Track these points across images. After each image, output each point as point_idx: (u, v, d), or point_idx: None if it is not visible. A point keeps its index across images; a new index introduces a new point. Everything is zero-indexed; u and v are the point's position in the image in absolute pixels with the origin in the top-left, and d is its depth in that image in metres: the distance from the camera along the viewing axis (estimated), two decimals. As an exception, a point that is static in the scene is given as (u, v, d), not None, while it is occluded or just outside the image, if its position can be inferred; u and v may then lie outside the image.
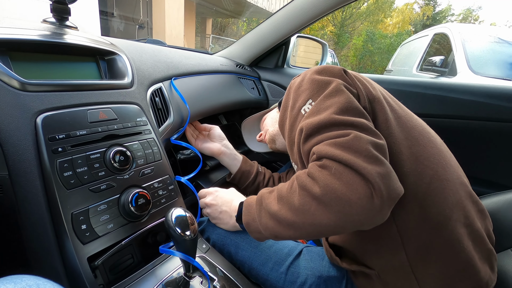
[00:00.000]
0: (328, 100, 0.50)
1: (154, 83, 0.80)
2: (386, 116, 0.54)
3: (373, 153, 0.42)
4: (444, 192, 0.51)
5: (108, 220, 0.53)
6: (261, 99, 1.34)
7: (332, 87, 0.52)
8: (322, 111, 0.49)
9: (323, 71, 0.56)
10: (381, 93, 0.58)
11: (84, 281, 0.47)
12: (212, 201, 0.71)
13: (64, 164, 0.50)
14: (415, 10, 22.15)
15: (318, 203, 0.43)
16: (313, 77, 0.56)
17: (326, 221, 0.43)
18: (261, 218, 0.53)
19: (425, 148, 0.54)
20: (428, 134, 0.57)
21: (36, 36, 0.57)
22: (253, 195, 0.61)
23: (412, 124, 0.56)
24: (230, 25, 17.23)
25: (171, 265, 0.58)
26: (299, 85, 0.57)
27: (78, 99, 0.57)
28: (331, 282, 0.63)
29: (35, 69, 0.57)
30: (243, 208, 0.59)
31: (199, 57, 1.14)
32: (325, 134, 0.46)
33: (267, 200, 0.53)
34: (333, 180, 0.42)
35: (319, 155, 0.45)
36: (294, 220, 0.47)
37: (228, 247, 0.72)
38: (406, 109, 0.60)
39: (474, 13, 23.21)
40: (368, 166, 0.41)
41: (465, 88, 1.09)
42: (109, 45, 0.71)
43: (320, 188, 0.43)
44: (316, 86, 0.54)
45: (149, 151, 0.65)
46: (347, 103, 0.49)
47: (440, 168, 0.53)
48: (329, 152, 0.43)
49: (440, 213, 0.50)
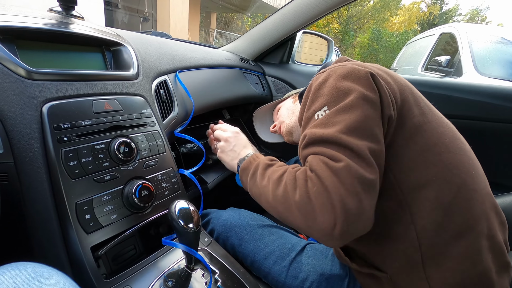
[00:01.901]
0: (340, 115, 0.49)
1: (159, 76, 0.80)
2: (414, 122, 0.51)
3: (354, 189, 0.43)
4: (470, 202, 0.50)
5: (111, 210, 0.53)
6: (265, 94, 1.34)
7: (349, 99, 0.49)
8: (330, 125, 0.49)
9: (348, 76, 0.52)
10: (412, 96, 0.54)
11: (87, 270, 0.48)
12: (230, 139, 0.76)
13: (69, 153, 0.50)
14: (421, 9, 21.94)
15: (293, 205, 0.47)
16: (335, 84, 0.52)
17: (292, 220, 0.48)
18: (250, 180, 0.62)
19: (455, 155, 0.52)
20: (458, 140, 0.55)
21: (43, 24, 0.57)
22: (258, 155, 0.67)
23: (443, 130, 0.54)
24: (235, 20, 17.14)
25: (173, 257, 0.59)
26: (320, 86, 0.54)
27: (83, 89, 0.57)
28: (333, 280, 0.63)
29: (41, 58, 0.57)
30: (244, 162, 0.66)
31: (204, 50, 1.13)
32: (322, 149, 0.47)
33: (260, 172, 0.58)
34: (311, 196, 0.45)
35: (311, 167, 0.48)
36: (271, 203, 0.53)
37: (232, 239, 0.73)
38: (437, 114, 0.57)
39: (482, 13, 22.97)
40: (343, 200, 0.42)
41: (471, 88, 1.08)
42: (115, 36, 0.71)
43: (299, 196, 0.46)
44: (335, 94, 0.51)
45: (153, 143, 0.65)
46: (357, 122, 0.47)
47: (468, 178, 0.51)
48: (319, 170, 0.46)
49: (464, 223, 0.49)
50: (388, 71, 0.56)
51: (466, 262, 0.49)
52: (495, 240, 0.51)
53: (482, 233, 0.50)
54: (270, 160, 0.62)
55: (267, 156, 0.64)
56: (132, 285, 0.51)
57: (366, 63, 0.58)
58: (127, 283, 0.51)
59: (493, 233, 0.51)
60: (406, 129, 0.51)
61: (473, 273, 0.49)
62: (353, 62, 0.59)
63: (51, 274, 0.37)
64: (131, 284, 0.51)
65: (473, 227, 0.49)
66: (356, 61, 0.62)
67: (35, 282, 0.35)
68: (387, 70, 0.56)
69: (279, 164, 0.59)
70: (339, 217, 0.42)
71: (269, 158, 0.63)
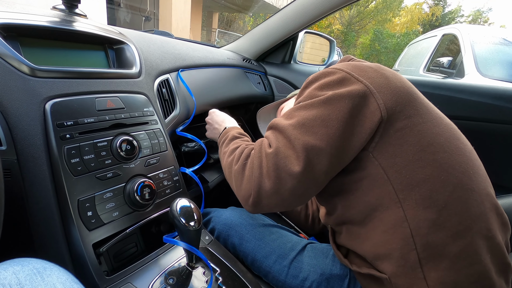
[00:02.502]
0: (299, 111, 0.55)
1: (161, 74, 0.80)
2: (406, 122, 0.52)
3: (271, 173, 0.52)
4: (467, 202, 0.50)
5: (113, 208, 0.53)
6: (267, 94, 1.34)
7: (315, 100, 0.54)
8: (289, 118, 0.56)
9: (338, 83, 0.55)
10: (408, 97, 0.54)
11: (89, 267, 0.48)
12: (209, 120, 0.88)
13: (72, 150, 0.50)
14: (424, 10, 21.89)
15: (232, 172, 0.60)
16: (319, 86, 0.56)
17: (231, 184, 0.62)
18: (219, 148, 0.74)
19: (452, 155, 0.52)
20: (457, 141, 0.55)
21: (46, 22, 0.57)
22: (231, 128, 0.77)
23: (439, 130, 0.54)
24: (237, 20, 17.13)
25: (174, 255, 0.59)
26: (307, 85, 0.59)
27: (86, 86, 0.57)
28: (334, 280, 0.63)
29: (44, 55, 0.57)
30: (220, 135, 0.78)
31: (206, 49, 1.13)
32: (271, 134, 0.57)
33: (226, 142, 0.70)
34: (244, 168, 0.57)
35: (254, 147, 0.59)
36: (223, 167, 0.67)
37: (233, 238, 0.73)
38: (435, 114, 0.57)
39: (484, 14, 22.90)
40: (259, 179, 0.53)
41: (473, 89, 1.08)
42: (117, 34, 0.71)
43: (237, 167, 0.59)
44: (313, 94, 0.56)
45: (155, 141, 0.65)
46: (307, 119, 0.53)
47: (465, 177, 0.52)
48: (256, 151, 0.57)
49: (461, 223, 0.49)
50: (384, 72, 0.56)
51: (463, 262, 0.49)
52: (494, 241, 0.51)
53: (480, 234, 0.50)
54: (239, 133, 0.73)
55: (239, 130, 0.75)
56: (133, 283, 0.51)
57: (366, 63, 0.58)
58: (128, 281, 0.51)
59: (493, 234, 0.51)
60: (398, 129, 0.52)
61: (470, 272, 0.49)
62: (356, 62, 0.59)
63: (53, 270, 0.37)
64: (132, 282, 0.51)
65: (471, 227, 0.49)
66: (360, 61, 0.62)
67: (37, 278, 0.35)
68: (384, 71, 0.56)
69: (243, 139, 0.70)
70: (253, 191, 0.54)
71: (239, 132, 0.74)
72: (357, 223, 0.56)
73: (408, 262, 0.50)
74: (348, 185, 0.55)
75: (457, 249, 0.49)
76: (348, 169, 0.55)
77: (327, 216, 0.64)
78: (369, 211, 0.53)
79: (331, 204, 0.60)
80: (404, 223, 0.50)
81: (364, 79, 0.53)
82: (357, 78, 0.54)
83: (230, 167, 0.62)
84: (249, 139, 0.71)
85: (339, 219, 0.59)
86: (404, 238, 0.50)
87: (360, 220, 0.55)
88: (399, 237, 0.51)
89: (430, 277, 0.49)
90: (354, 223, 0.56)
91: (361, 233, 0.56)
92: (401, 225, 0.50)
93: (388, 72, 0.56)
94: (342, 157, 0.53)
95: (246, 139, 0.71)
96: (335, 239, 0.64)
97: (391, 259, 0.52)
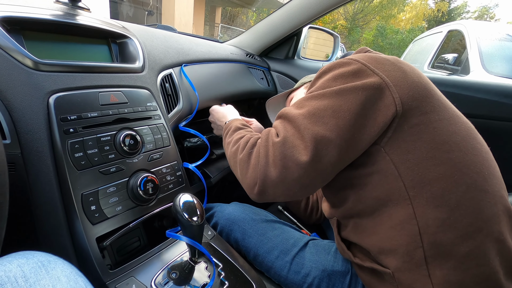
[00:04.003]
0: (311, 100, 0.54)
1: (165, 69, 0.80)
2: (422, 119, 0.51)
3: (278, 162, 0.51)
4: (480, 204, 0.49)
5: (116, 202, 0.53)
6: (270, 90, 1.33)
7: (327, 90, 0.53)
8: (300, 107, 0.54)
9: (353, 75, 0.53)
10: (425, 93, 0.52)
11: (93, 260, 0.48)
12: (211, 119, 0.90)
13: (75, 145, 0.50)
14: (429, 6, 21.61)
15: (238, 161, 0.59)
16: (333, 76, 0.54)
17: (235, 172, 0.62)
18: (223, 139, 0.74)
19: (467, 154, 0.51)
20: (473, 140, 0.54)
21: (50, 16, 0.57)
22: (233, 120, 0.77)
23: (455, 129, 0.52)
24: (240, 15, 17.02)
25: (177, 250, 0.59)
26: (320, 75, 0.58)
27: (90, 81, 0.57)
28: (335, 276, 0.63)
29: (47, 49, 0.57)
30: (224, 126, 0.78)
31: (209, 44, 1.12)
32: (279, 124, 0.56)
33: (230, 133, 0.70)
34: (250, 157, 0.56)
35: (262, 135, 0.58)
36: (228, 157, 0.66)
37: (235, 233, 0.74)
38: (452, 111, 0.55)
39: (491, 10, 22.58)
40: (265, 168, 0.52)
41: (479, 86, 1.07)
42: (121, 28, 0.71)
43: (242, 155, 0.58)
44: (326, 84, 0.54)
45: (158, 136, 0.65)
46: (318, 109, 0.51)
47: (480, 178, 0.50)
48: (262, 140, 0.56)
49: (472, 224, 0.48)
50: (402, 65, 0.54)
51: (470, 262, 0.48)
52: (505, 244, 0.50)
53: (491, 236, 0.49)
54: (242, 124, 0.73)
55: (242, 121, 0.75)
56: (136, 276, 0.51)
57: (384, 56, 0.56)
58: (131, 274, 0.51)
59: (504, 237, 0.50)
60: (413, 125, 0.51)
61: (477, 273, 0.48)
62: (373, 54, 0.57)
63: (57, 263, 0.37)
64: (135, 276, 0.51)
65: (482, 228, 0.48)
66: (376, 53, 0.61)
67: (42, 271, 0.35)
68: (401, 64, 0.54)
69: (247, 129, 0.70)
70: (259, 180, 0.53)
71: (242, 123, 0.74)
72: (365, 217, 0.55)
73: (413, 259, 0.50)
74: (357, 179, 0.54)
75: (465, 250, 0.48)
76: (358, 163, 0.54)
77: (333, 209, 0.63)
78: (377, 206, 0.53)
79: (339, 197, 0.59)
80: (413, 220, 0.49)
81: (381, 71, 0.52)
82: (373, 70, 0.52)
83: (235, 156, 0.61)
84: (252, 129, 0.71)
85: (347, 212, 0.58)
86: (411, 235, 0.49)
87: (368, 214, 0.54)
88: (406, 234, 0.50)
89: (435, 275, 0.49)
90: (362, 216, 0.56)
91: (368, 227, 0.55)
92: (410, 222, 0.49)
93: (406, 66, 0.54)
94: (352, 150, 0.51)
95: (250, 130, 0.70)
96: (339, 232, 0.63)
97: (396, 254, 0.51)
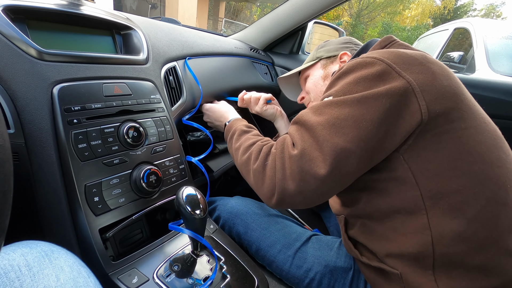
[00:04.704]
0: (331, 107, 0.50)
1: (169, 62, 0.80)
2: (447, 128, 0.47)
3: (296, 176, 0.49)
4: (499, 217, 0.47)
5: (119, 194, 0.53)
6: (273, 84, 1.32)
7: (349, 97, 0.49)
8: (318, 114, 0.51)
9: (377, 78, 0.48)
10: (455, 98, 0.49)
11: (95, 251, 0.48)
12: (206, 119, 0.89)
13: (79, 136, 0.50)
14: (435, 3, 21.35)
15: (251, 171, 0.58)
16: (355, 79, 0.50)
17: (249, 181, 0.59)
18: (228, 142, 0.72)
19: (490, 166, 0.48)
20: (499, 150, 0.50)
21: (54, 5, 0.57)
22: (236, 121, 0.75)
23: (481, 138, 0.49)
24: (244, 9, 16.89)
25: (179, 243, 0.59)
26: (340, 76, 0.53)
27: (94, 71, 0.56)
28: (338, 272, 0.63)
29: (51, 39, 0.57)
30: (226, 126, 0.77)
31: (213, 38, 1.12)
32: (296, 131, 0.53)
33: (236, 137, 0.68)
34: (265, 167, 0.54)
35: (277, 144, 0.55)
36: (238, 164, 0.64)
37: (238, 226, 0.74)
38: (481, 118, 0.51)
39: (498, 9, 22.29)
40: (283, 180, 0.51)
41: (486, 84, 1.05)
42: (125, 20, 0.70)
43: (257, 165, 0.56)
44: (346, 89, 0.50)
45: (162, 129, 0.65)
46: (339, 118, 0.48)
47: (502, 191, 0.48)
48: (278, 150, 0.54)
49: (488, 237, 0.46)
50: (431, 66, 0.49)
51: (481, 273, 0.47)
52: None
53: (505, 249, 0.47)
54: (247, 126, 0.71)
55: (245, 123, 0.74)
56: (139, 268, 0.51)
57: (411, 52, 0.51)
58: (133, 266, 0.51)
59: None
60: (436, 134, 0.47)
61: (486, 285, 0.47)
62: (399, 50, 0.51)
63: (60, 253, 0.37)
64: (138, 267, 0.51)
65: (497, 241, 0.47)
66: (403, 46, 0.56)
67: (45, 260, 0.35)
68: (430, 64, 0.49)
69: (253, 133, 0.68)
70: (277, 192, 0.52)
71: (245, 125, 0.72)
72: (375, 220, 0.54)
73: (421, 264, 0.49)
74: (373, 183, 0.53)
75: (477, 262, 0.46)
76: (376, 168, 0.52)
77: (343, 207, 0.62)
78: (390, 212, 0.51)
79: (351, 197, 0.58)
80: (426, 231, 0.47)
81: (407, 73, 0.47)
82: (399, 72, 0.47)
83: (247, 165, 0.59)
84: (257, 131, 0.70)
85: (356, 212, 0.57)
86: (423, 244, 0.48)
87: (379, 218, 0.53)
88: (418, 243, 0.48)
89: (441, 281, 0.48)
90: (372, 219, 0.54)
91: (377, 230, 0.54)
92: (423, 232, 0.48)
93: (435, 66, 0.50)
94: (372, 158, 0.49)
95: (256, 133, 0.69)
96: (347, 230, 0.62)
97: (403, 258, 0.50)
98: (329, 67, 0.80)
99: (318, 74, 0.81)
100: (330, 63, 0.80)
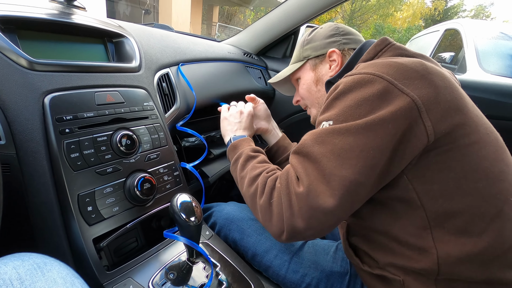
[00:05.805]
0: (334, 136, 0.47)
1: (162, 68, 0.80)
2: (452, 146, 0.46)
3: (304, 213, 0.47)
4: (504, 232, 0.46)
5: (113, 203, 0.53)
6: (267, 89, 1.33)
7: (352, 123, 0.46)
8: (320, 143, 0.48)
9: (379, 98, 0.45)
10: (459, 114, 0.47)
11: (90, 261, 0.48)
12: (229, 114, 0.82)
13: (71, 145, 0.50)
14: (426, 5, 21.67)
15: (257, 206, 0.55)
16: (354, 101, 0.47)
17: (256, 215, 0.56)
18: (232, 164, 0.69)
19: (494, 182, 0.47)
20: (501, 162, 0.49)
21: (45, 15, 0.56)
22: (245, 142, 0.71)
23: (485, 153, 0.47)
24: (237, 14, 16.97)
25: (175, 250, 0.59)
26: (337, 96, 0.50)
27: (85, 80, 0.56)
28: (334, 277, 0.63)
29: (42, 48, 0.57)
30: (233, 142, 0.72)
31: (206, 43, 1.12)
32: (299, 164, 0.50)
33: (241, 162, 0.64)
34: (272, 204, 0.52)
35: (281, 177, 0.53)
36: (244, 194, 0.61)
37: (234, 233, 0.73)
38: (485, 129, 0.50)
39: (487, 9, 22.70)
40: (292, 218, 0.48)
41: (476, 85, 1.07)
42: (117, 28, 0.70)
43: (263, 201, 0.54)
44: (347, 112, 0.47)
45: (155, 136, 0.65)
46: (344, 149, 0.46)
47: (506, 206, 0.47)
48: (283, 186, 0.51)
49: (492, 253, 0.46)
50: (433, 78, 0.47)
51: (481, 286, 0.47)
52: None
53: (510, 263, 0.47)
54: (254, 151, 0.67)
55: (252, 147, 0.69)
56: (134, 277, 0.51)
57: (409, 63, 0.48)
58: (128, 275, 0.51)
59: None
60: (440, 153, 0.46)
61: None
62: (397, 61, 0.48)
63: (53, 265, 0.37)
64: (133, 276, 0.51)
65: (499, 256, 0.46)
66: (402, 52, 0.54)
67: (37, 273, 0.35)
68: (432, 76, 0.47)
69: (259, 160, 0.64)
70: (286, 230, 0.49)
71: (253, 149, 0.67)
72: (379, 232, 0.53)
73: (424, 277, 0.48)
74: (378, 200, 0.51)
75: (480, 277, 0.46)
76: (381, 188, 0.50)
77: None
78: (395, 228, 0.50)
79: None
80: (432, 249, 0.47)
81: (410, 89, 0.45)
82: (402, 89, 0.45)
83: (253, 199, 0.57)
84: (265, 156, 0.66)
85: (360, 222, 0.56)
86: (428, 261, 0.47)
87: (382, 231, 0.52)
88: (423, 260, 0.47)
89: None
90: (376, 231, 0.53)
91: (380, 242, 0.53)
92: (429, 250, 0.47)
93: (437, 78, 0.47)
94: (381, 183, 0.48)
95: (262, 158, 0.64)
96: (348, 236, 0.61)
97: (406, 271, 0.50)
98: (319, 69, 0.75)
99: (309, 78, 0.77)
100: (320, 63, 0.74)
